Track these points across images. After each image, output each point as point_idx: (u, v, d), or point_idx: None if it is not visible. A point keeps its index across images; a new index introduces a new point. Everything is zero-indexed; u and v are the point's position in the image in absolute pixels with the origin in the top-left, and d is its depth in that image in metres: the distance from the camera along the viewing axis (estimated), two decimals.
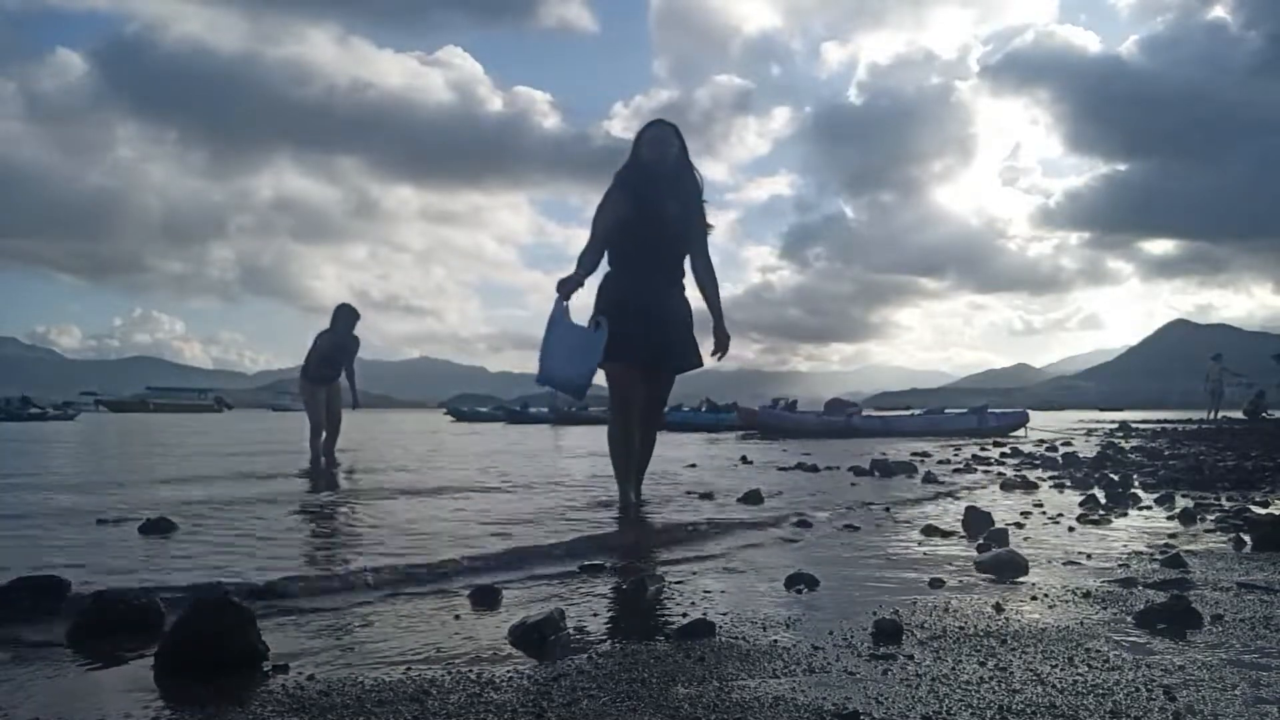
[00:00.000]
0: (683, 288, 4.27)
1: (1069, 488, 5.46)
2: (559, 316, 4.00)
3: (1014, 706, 1.40)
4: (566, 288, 4.00)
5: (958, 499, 4.76)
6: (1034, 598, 2.25)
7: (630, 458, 4.29)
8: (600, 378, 4.24)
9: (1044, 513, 4.14)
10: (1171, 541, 3.23)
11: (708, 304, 4.30)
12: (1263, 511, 4.08)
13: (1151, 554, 2.92)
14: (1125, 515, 4.07)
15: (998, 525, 3.51)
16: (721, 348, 4.30)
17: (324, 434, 8.58)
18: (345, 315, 8.66)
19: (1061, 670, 1.60)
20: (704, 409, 24.15)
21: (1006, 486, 5.59)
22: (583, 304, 4.30)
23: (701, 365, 4.31)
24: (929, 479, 5.97)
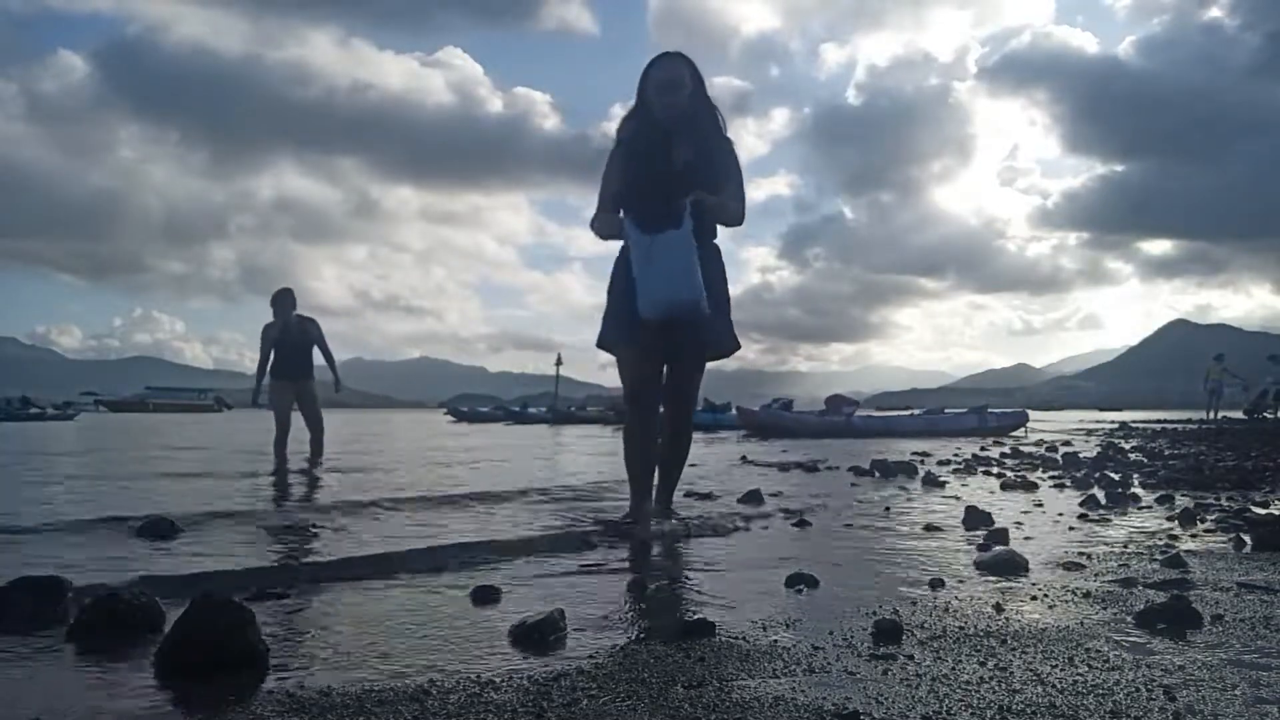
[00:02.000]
0: (714, 251, 3.59)
1: (1069, 488, 5.46)
2: (630, 233, 3.40)
3: (1014, 706, 1.40)
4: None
5: (958, 499, 4.75)
6: (1034, 598, 2.25)
7: (645, 458, 3.65)
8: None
9: (1044, 513, 4.14)
10: (1171, 541, 3.23)
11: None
12: (1263, 511, 4.08)
13: (1151, 554, 2.92)
14: (1125, 515, 4.07)
15: (998, 525, 3.51)
16: (699, 200, 3.42)
17: (309, 437, 8.08)
18: (281, 299, 8.13)
19: (1061, 670, 1.60)
20: (700, 408, 24.12)
21: (1006, 486, 5.59)
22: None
23: (734, 349, 3.65)
24: (929, 479, 5.97)
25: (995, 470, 7.04)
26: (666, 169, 3.49)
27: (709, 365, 3.80)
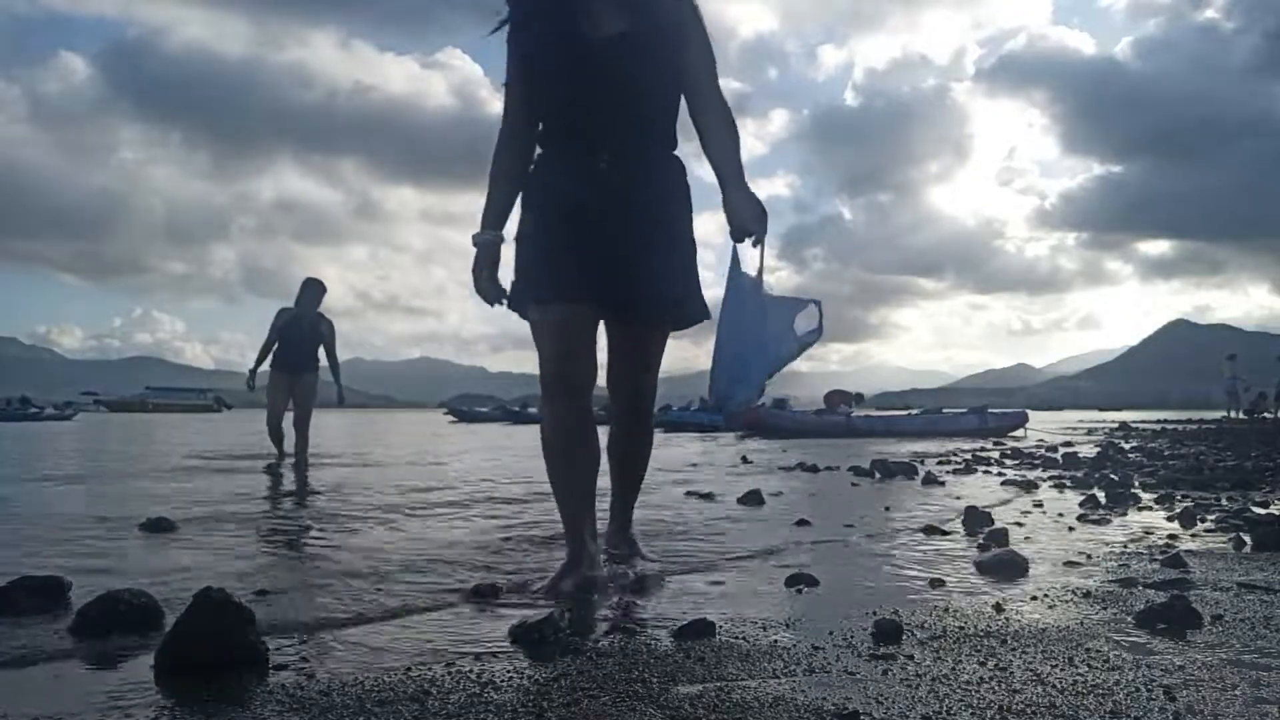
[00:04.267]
0: (671, 163, 2.45)
1: (1069, 488, 5.46)
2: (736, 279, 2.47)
3: (1014, 706, 1.40)
4: (480, 277, 2.40)
5: (958, 499, 4.75)
6: (1034, 598, 2.25)
7: (578, 475, 2.39)
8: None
9: (1044, 513, 4.14)
10: (1171, 541, 3.23)
11: (714, 165, 2.39)
12: (1263, 511, 4.08)
13: (1151, 554, 2.92)
14: (1125, 515, 4.07)
15: (998, 525, 3.51)
16: (744, 225, 2.31)
17: (294, 434, 7.72)
18: (308, 288, 7.71)
19: (1061, 670, 1.60)
20: (696, 408, 24.02)
21: (1006, 486, 5.59)
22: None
23: (702, 317, 2.51)
24: (929, 479, 5.97)
25: (995, 470, 7.05)
26: (588, 44, 2.28)
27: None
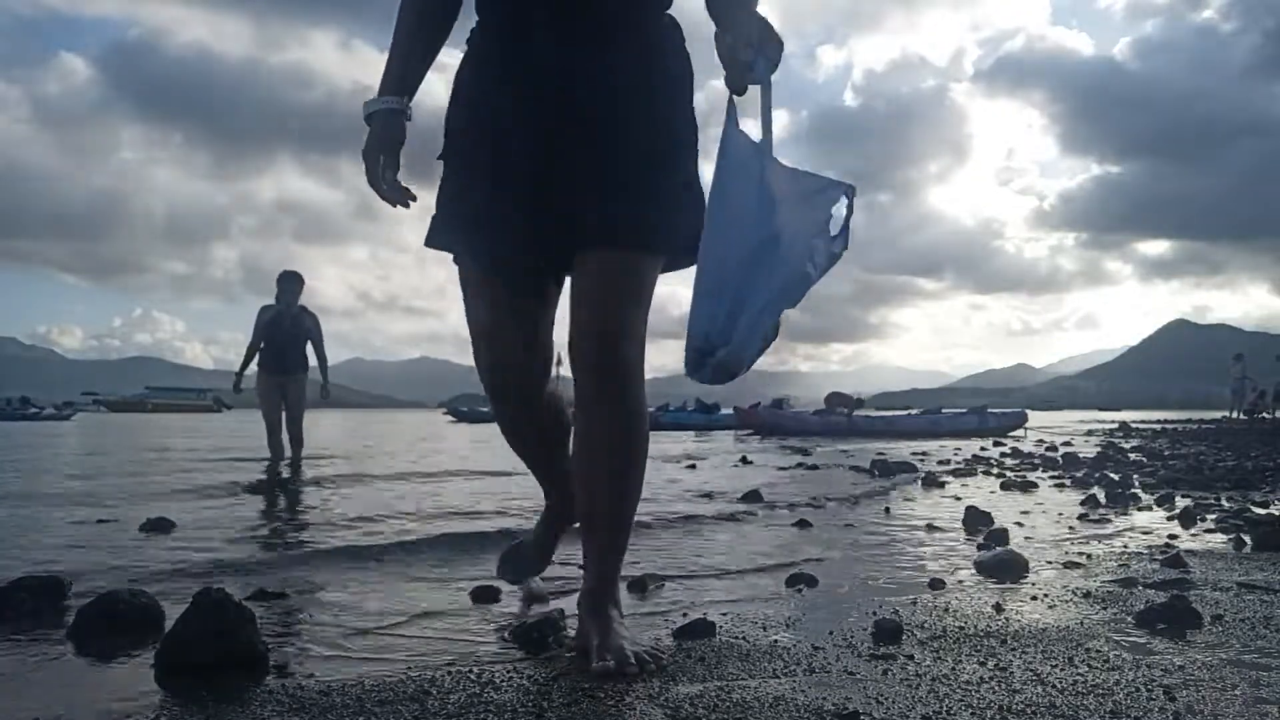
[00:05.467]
0: (669, 37, 1.75)
1: (1069, 488, 5.47)
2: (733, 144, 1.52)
3: (1014, 706, 1.40)
4: (374, 165, 1.77)
5: (958, 499, 4.75)
6: (1034, 598, 2.25)
7: (540, 451, 2.00)
8: None
9: (1044, 513, 4.14)
10: (1171, 541, 3.23)
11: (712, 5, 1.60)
12: (1263, 511, 4.09)
13: (1151, 554, 2.92)
14: (1125, 515, 4.08)
15: (998, 525, 3.51)
16: (736, 54, 1.45)
17: (286, 436, 7.43)
18: (285, 282, 7.31)
19: (1061, 670, 1.60)
20: (693, 408, 23.97)
21: (1006, 486, 5.59)
22: None
23: (688, 261, 1.63)
24: (929, 479, 5.97)
25: (995, 470, 7.05)
26: None
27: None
